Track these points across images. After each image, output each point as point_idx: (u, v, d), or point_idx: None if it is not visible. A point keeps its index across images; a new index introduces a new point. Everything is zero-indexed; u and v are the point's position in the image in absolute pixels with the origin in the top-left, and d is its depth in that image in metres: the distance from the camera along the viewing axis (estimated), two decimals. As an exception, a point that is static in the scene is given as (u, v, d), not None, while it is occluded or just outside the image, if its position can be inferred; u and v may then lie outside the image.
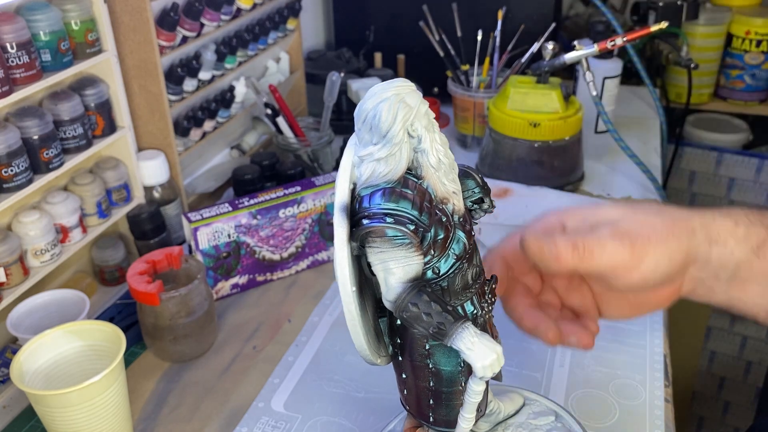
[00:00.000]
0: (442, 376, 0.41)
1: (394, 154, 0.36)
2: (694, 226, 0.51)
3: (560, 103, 0.92)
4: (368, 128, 0.35)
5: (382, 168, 0.36)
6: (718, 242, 0.51)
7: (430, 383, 0.42)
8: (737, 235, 0.51)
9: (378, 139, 0.35)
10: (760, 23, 1.35)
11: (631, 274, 0.48)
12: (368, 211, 0.36)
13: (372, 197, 0.36)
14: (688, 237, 0.51)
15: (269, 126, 1.00)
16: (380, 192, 0.36)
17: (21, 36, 0.63)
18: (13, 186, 0.64)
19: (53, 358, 0.58)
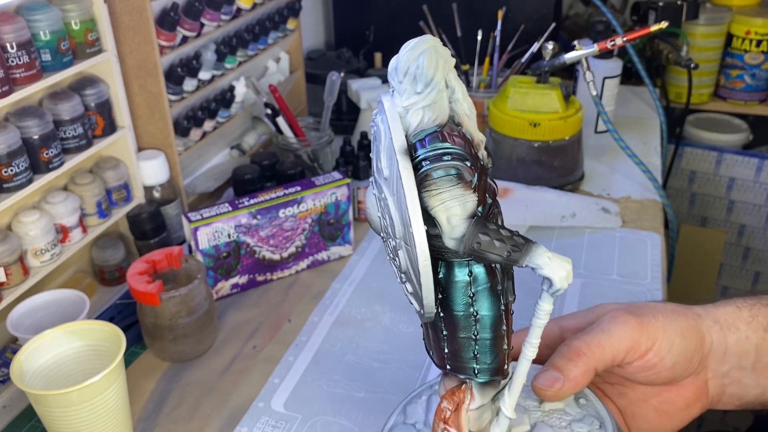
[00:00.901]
0: (487, 323, 0.41)
1: (438, 101, 0.37)
2: (698, 311, 0.51)
3: (560, 103, 0.92)
4: (411, 79, 0.36)
5: (429, 114, 0.37)
6: (730, 328, 0.50)
7: (474, 333, 0.41)
8: (744, 317, 0.50)
9: (422, 87, 0.36)
10: (760, 23, 1.35)
11: (647, 354, 0.47)
12: (425, 155, 0.36)
13: (426, 141, 0.37)
14: (695, 319, 0.50)
15: (269, 126, 1.00)
16: (432, 135, 0.37)
17: (21, 36, 0.63)
18: (13, 186, 0.64)
19: (53, 358, 0.58)
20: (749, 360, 0.50)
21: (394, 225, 0.37)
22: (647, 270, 0.81)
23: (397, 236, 0.37)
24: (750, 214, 1.49)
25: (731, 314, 0.51)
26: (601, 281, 0.79)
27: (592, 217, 0.89)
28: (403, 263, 0.38)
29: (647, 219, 0.92)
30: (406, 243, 0.36)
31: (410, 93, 0.37)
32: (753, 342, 0.50)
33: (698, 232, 1.54)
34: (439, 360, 0.44)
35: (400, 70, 0.37)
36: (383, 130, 0.37)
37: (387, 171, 0.37)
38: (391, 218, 0.37)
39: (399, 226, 0.36)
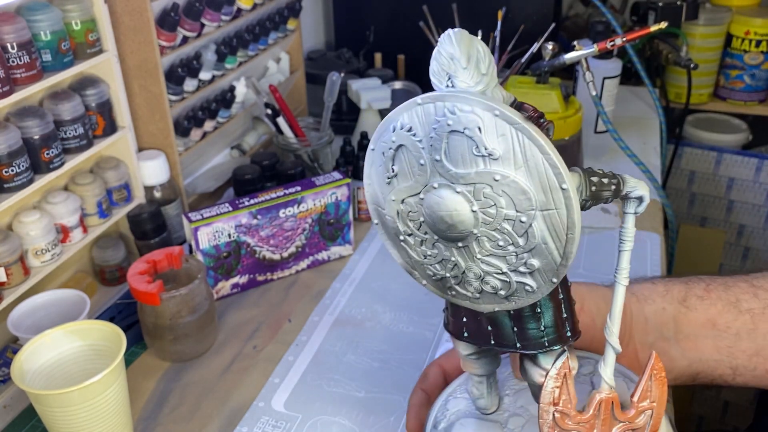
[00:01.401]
0: (564, 281, 0.41)
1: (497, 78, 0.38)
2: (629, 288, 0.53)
3: (560, 103, 0.93)
4: (475, 63, 0.36)
5: (503, 91, 0.37)
6: (647, 300, 0.53)
7: (561, 294, 0.41)
8: (659, 291, 0.53)
9: (485, 68, 0.36)
10: (759, 23, 1.35)
11: (580, 314, 0.48)
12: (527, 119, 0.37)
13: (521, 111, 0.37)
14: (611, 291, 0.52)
15: (269, 126, 1.00)
16: (520, 104, 0.37)
17: (22, 36, 0.63)
18: (14, 186, 0.64)
19: (54, 357, 0.58)
20: (670, 331, 0.52)
21: (527, 198, 0.35)
22: (647, 270, 0.81)
23: (533, 207, 0.35)
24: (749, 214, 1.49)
25: (646, 288, 0.54)
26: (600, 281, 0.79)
27: (591, 218, 0.90)
28: (537, 236, 0.36)
29: (647, 219, 0.92)
30: (548, 208, 0.35)
31: (478, 77, 0.36)
32: (670, 313, 0.52)
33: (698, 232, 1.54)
34: (531, 343, 0.41)
35: (462, 57, 0.36)
36: (472, 117, 0.35)
37: (501, 149, 0.35)
38: (522, 192, 0.35)
39: (537, 195, 0.35)
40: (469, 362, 0.46)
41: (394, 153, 0.38)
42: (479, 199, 0.36)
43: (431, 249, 0.40)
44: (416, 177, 0.38)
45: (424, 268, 0.41)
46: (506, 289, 0.38)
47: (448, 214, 0.37)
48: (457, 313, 0.43)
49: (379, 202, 0.41)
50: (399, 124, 0.38)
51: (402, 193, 0.39)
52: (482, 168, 0.35)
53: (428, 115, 0.36)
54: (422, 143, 0.37)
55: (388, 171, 0.39)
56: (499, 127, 0.35)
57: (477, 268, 0.38)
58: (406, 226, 0.40)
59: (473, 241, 0.37)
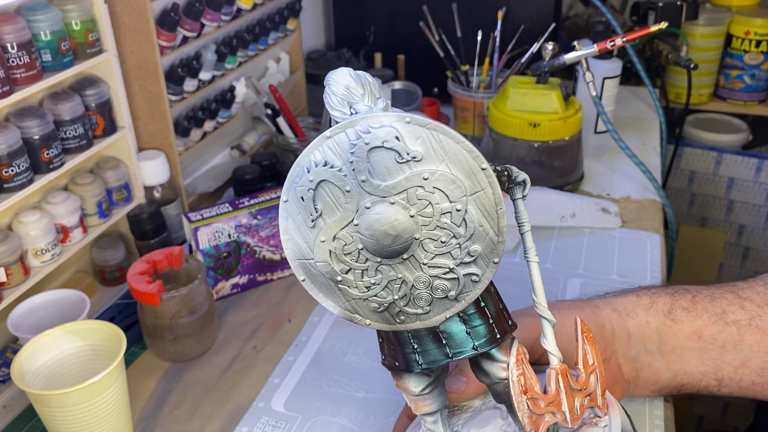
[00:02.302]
0: None
1: None
2: (596, 303, 0.54)
3: (560, 104, 0.93)
4: (370, 89, 0.39)
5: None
6: (630, 314, 0.53)
7: (492, 288, 0.43)
8: (643, 304, 0.53)
9: (378, 91, 0.39)
10: (759, 23, 1.35)
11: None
12: None
13: None
14: (592, 310, 0.53)
15: (269, 126, 1.00)
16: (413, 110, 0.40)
17: (21, 36, 0.63)
18: (14, 186, 0.64)
19: (54, 357, 0.58)
20: (654, 344, 0.53)
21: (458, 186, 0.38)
22: (647, 270, 0.81)
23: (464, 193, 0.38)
24: (749, 214, 1.49)
25: (630, 302, 0.54)
26: (600, 281, 0.79)
27: (591, 218, 0.90)
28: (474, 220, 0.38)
29: (647, 219, 0.92)
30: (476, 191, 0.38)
31: (374, 99, 0.39)
32: (654, 326, 0.53)
33: (698, 232, 1.54)
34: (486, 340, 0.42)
35: (357, 87, 0.38)
36: (388, 129, 0.37)
37: (422, 150, 0.37)
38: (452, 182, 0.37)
39: (464, 181, 0.38)
40: (421, 400, 0.46)
41: (314, 192, 0.38)
42: (414, 202, 0.37)
43: (374, 276, 0.39)
44: (344, 206, 0.38)
45: (366, 303, 0.40)
46: (455, 288, 0.39)
47: (390, 226, 0.38)
48: (403, 345, 0.43)
49: (304, 254, 0.40)
50: (312, 163, 0.38)
51: (332, 230, 0.39)
52: (409, 172, 0.37)
53: (342, 143, 0.38)
54: (343, 171, 0.38)
55: (312, 213, 0.39)
56: (413, 132, 0.37)
57: (425, 276, 0.39)
58: (342, 264, 0.39)
59: (417, 247, 0.38)
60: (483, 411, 0.49)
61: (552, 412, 0.42)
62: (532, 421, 0.41)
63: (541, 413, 0.41)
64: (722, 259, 1.56)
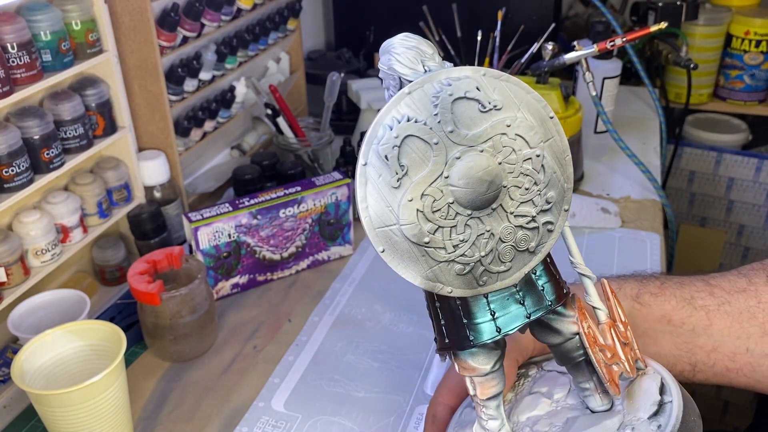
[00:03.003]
0: None
1: None
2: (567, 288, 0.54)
3: (560, 103, 0.93)
4: (435, 51, 0.40)
5: None
6: None
7: None
8: None
9: (440, 55, 0.41)
10: (759, 23, 1.35)
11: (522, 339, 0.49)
12: None
13: None
14: None
15: (269, 126, 1.00)
16: None
17: (22, 36, 0.63)
18: (14, 186, 0.64)
19: (54, 357, 0.58)
20: None
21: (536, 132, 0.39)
22: (647, 270, 0.81)
23: (541, 139, 0.39)
24: (749, 214, 1.49)
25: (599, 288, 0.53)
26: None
27: (591, 217, 0.90)
28: (550, 166, 0.40)
29: (647, 219, 0.92)
30: (548, 138, 0.39)
31: (440, 60, 0.40)
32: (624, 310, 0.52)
33: (698, 232, 1.54)
34: (561, 293, 0.43)
35: (426, 48, 0.40)
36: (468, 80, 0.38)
37: (501, 98, 0.39)
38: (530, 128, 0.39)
39: (540, 128, 0.39)
40: (489, 380, 0.44)
41: (399, 149, 0.38)
42: (500, 150, 0.38)
43: (463, 231, 0.39)
44: (433, 159, 0.38)
45: (451, 267, 0.40)
46: (535, 238, 0.40)
47: (485, 172, 0.38)
48: (479, 315, 0.41)
49: (386, 220, 0.39)
50: (395, 120, 0.38)
51: (420, 186, 0.38)
52: (492, 121, 0.38)
53: (423, 97, 0.38)
54: (428, 123, 0.38)
55: (397, 172, 0.38)
56: (490, 83, 0.38)
57: (511, 226, 0.40)
58: (431, 222, 0.39)
59: (504, 196, 0.39)
60: (522, 399, 0.48)
61: (617, 363, 0.42)
62: (608, 371, 0.41)
63: (611, 363, 0.42)
64: (722, 259, 1.56)
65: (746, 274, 0.55)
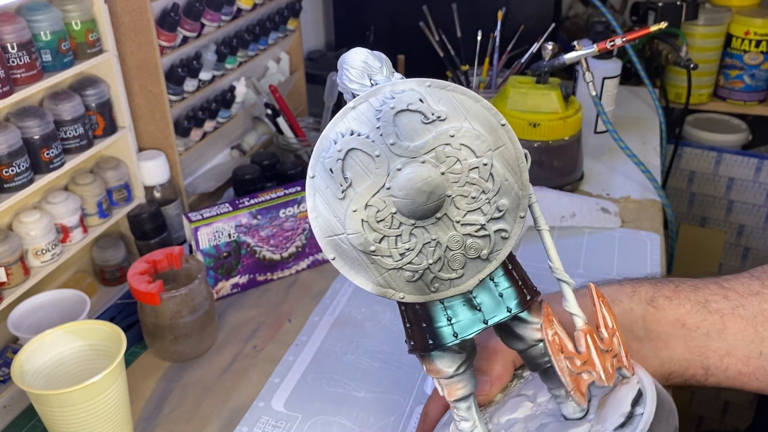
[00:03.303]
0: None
1: None
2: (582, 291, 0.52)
3: (560, 104, 0.93)
4: (384, 63, 0.41)
5: None
6: (614, 301, 0.53)
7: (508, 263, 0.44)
8: (626, 292, 0.54)
9: (390, 67, 0.41)
10: (759, 23, 1.35)
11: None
12: None
13: None
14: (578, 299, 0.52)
15: (269, 126, 1.00)
16: None
17: (22, 36, 0.63)
18: (14, 186, 0.64)
19: (54, 357, 0.58)
20: (641, 330, 0.53)
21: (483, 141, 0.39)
22: (647, 270, 0.81)
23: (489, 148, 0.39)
24: (749, 214, 1.49)
25: (613, 290, 0.54)
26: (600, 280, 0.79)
27: (591, 217, 0.90)
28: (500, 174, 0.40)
29: (647, 219, 0.92)
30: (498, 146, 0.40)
31: (389, 71, 0.41)
32: (638, 313, 0.53)
33: (698, 232, 1.54)
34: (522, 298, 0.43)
35: (374, 61, 0.41)
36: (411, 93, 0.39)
37: (445, 109, 0.39)
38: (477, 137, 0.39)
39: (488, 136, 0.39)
40: (455, 383, 0.45)
41: (342, 162, 0.39)
42: (443, 160, 0.39)
43: (409, 241, 0.40)
44: (375, 171, 0.39)
45: (401, 274, 0.40)
46: (487, 245, 0.40)
47: (424, 183, 0.39)
48: (437, 319, 0.42)
49: (334, 229, 0.40)
50: (338, 134, 0.39)
51: (364, 197, 0.39)
52: (435, 132, 0.39)
53: (366, 112, 0.39)
54: (371, 137, 0.39)
55: (341, 184, 0.39)
56: (435, 94, 0.39)
57: (458, 235, 0.40)
58: (376, 232, 0.40)
59: (449, 205, 0.40)
60: (508, 401, 0.48)
61: (588, 372, 0.42)
62: (573, 380, 0.41)
63: (579, 372, 0.41)
64: (722, 259, 1.56)
65: (759, 276, 0.54)
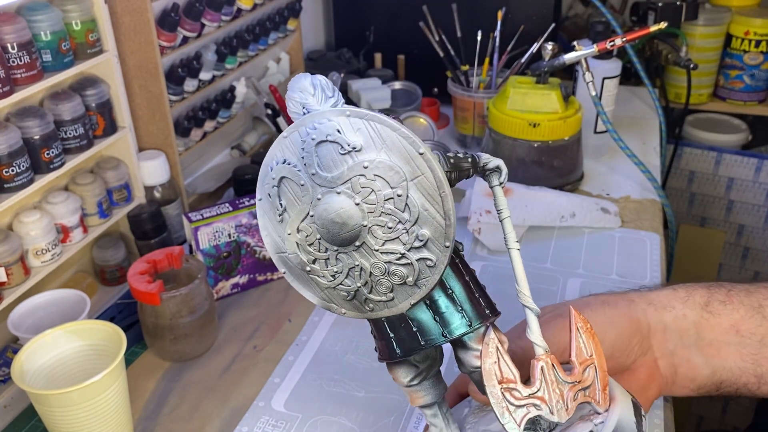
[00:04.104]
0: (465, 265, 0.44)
1: None
2: (631, 297, 0.52)
3: (560, 104, 0.93)
4: (321, 89, 0.41)
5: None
6: (666, 307, 0.52)
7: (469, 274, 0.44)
8: (680, 297, 0.52)
9: (331, 92, 0.41)
10: (759, 23, 1.35)
11: None
12: None
13: None
14: (626, 305, 0.51)
15: (269, 126, 1.00)
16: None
17: (22, 36, 0.63)
18: (14, 186, 0.64)
19: (54, 357, 0.58)
20: (691, 338, 0.52)
21: (396, 172, 0.39)
22: (646, 270, 0.81)
23: (403, 178, 0.39)
24: (749, 214, 1.49)
25: (666, 296, 0.53)
26: (600, 281, 0.79)
27: (591, 217, 0.90)
28: (417, 204, 0.39)
29: (646, 219, 0.92)
30: (416, 176, 0.39)
31: (325, 98, 0.41)
32: (691, 319, 0.52)
33: (697, 232, 1.54)
34: (455, 326, 0.42)
35: (308, 87, 0.41)
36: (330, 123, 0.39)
37: (361, 140, 0.39)
38: (390, 168, 0.39)
39: (403, 166, 0.39)
40: (414, 392, 0.46)
41: (278, 189, 0.41)
42: (358, 191, 0.39)
43: (336, 264, 0.41)
44: (302, 199, 0.41)
45: (337, 292, 0.42)
46: (412, 274, 0.40)
47: (336, 214, 0.40)
48: (383, 334, 0.44)
49: (280, 247, 0.43)
50: (274, 162, 0.41)
51: (294, 222, 0.41)
52: (351, 163, 0.39)
53: (295, 141, 0.41)
54: (297, 167, 0.40)
55: (278, 208, 0.42)
56: (354, 123, 0.39)
57: (380, 262, 0.40)
58: (308, 254, 0.42)
59: (367, 234, 0.40)
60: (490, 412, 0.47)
61: (534, 404, 0.40)
62: (509, 411, 0.40)
63: (520, 404, 0.40)
64: (722, 259, 1.56)
65: None
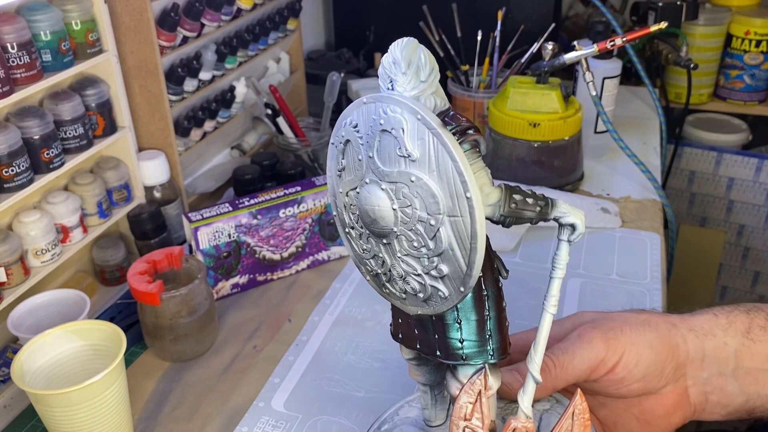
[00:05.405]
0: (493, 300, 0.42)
1: (438, 87, 0.39)
2: (673, 321, 0.51)
3: (560, 103, 0.93)
4: (415, 69, 0.38)
5: (438, 99, 0.38)
6: (707, 335, 0.51)
7: (486, 312, 0.42)
8: (721, 324, 0.51)
9: (426, 76, 0.38)
10: (759, 23, 1.35)
11: (615, 369, 0.47)
12: (453, 129, 0.37)
13: (447, 120, 0.38)
14: (667, 329, 0.50)
15: (269, 126, 1.00)
16: (452, 115, 0.38)
17: (22, 36, 0.63)
18: (14, 186, 0.64)
19: (54, 357, 0.58)
20: (729, 366, 0.50)
21: (436, 202, 0.37)
22: (647, 270, 0.81)
23: (440, 211, 0.37)
24: (749, 214, 1.49)
25: (708, 321, 0.51)
26: (600, 281, 0.79)
27: (591, 217, 0.90)
28: (444, 241, 0.37)
29: (647, 219, 0.92)
30: (454, 215, 0.37)
31: (416, 82, 0.38)
32: (732, 348, 0.50)
33: (698, 232, 1.54)
34: (450, 353, 0.42)
35: (403, 63, 0.38)
36: (399, 118, 0.37)
37: (418, 152, 0.37)
38: (431, 195, 0.37)
39: (445, 200, 0.37)
40: (412, 368, 0.48)
41: (343, 147, 0.41)
42: (399, 198, 0.38)
43: (366, 243, 0.42)
44: (356, 172, 0.40)
45: (365, 263, 0.43)
46: (423, 292, 0.40)
47: (371, 209, 0.39)
48: (395, 315, 0.45)
49: (335, 193, 0.43)
50: (349, 120, 0.40)
51: (347, 186, 0.41)
52: (403, 168, 0.37)
53: (369, 114, 0.39)
54: (362, 140, 0.39)
55: (339, 164, 0.41)
56: (420, 130, 0.37)
57: (399, 267, 0.40)
58: (350, 219, 0.42)
59: (394, 238, 0.39)
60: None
61: None
62: None
63: None
64: (722, 259, 1.56)
65: None
